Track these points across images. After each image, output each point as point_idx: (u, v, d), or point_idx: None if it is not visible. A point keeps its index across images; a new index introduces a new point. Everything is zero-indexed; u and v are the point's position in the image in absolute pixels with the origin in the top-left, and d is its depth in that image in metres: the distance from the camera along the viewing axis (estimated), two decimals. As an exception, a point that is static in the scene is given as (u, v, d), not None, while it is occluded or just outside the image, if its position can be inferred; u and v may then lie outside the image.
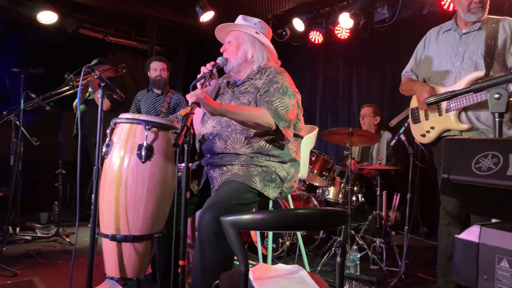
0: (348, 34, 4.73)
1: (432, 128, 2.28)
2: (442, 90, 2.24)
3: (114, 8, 4.80)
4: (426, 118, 2.33)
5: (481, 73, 2.10)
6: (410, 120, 2.49)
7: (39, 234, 3.62)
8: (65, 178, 3.84)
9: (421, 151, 2.46)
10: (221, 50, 2.05)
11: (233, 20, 2.09)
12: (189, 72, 6.16)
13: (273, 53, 2.10)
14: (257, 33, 2.02)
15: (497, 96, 1.20)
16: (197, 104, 1.62)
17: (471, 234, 0.85)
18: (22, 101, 3.25)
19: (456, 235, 0.89)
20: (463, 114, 2.16)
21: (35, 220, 4.13)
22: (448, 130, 2.23)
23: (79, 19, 4.87)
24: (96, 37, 5.36)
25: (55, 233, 3.58)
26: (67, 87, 3.48)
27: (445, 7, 3.76)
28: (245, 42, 2.01)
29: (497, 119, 1.22)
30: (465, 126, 2.13)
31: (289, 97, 1.89)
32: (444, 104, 2.21)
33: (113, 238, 1.70)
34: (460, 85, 2.13)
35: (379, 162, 3.39)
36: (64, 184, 4.18)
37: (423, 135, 2.34)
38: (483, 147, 0.86)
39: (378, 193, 3.24)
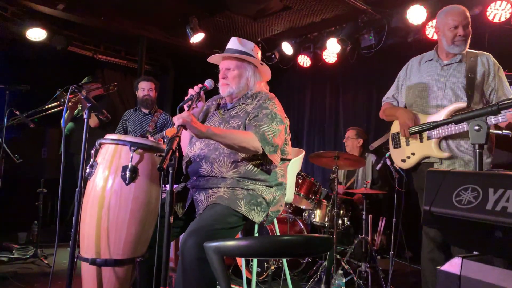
0: (336, 59, 4.83)
1: (413, 154, 2.33)
2: (424, 117, 2.30)
3: (104, 26, 4.81)
4: (407, 144, 2.38)
5: (463, 104, 2.19)
6: (390, 145, 2.53)
7: (16, 255, 3.48)
8: (47, 197, 3.74)
9: (400, 175, 2.51)
10: (220, 77, 2.03)
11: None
12: (178, 91, 6.17)
13: (267, 77, 2.13)
14: (262, 64, 2.04)
15: (477, 128, 1.24)
16: (183, 126, 1.62)
17: (453, 266, 0.86)
18: (6, 118, 3.21)
19: (438, 267, 0.90)
20: (443, 142, 2.22)
21: (13, 240, 3.99)
22: (428, 157, 2.28)
23: (68, 37, 4.86)
24: (85, 55, 5.34)
25: (33, 255, 3.45)
26: (57, 103, 3.45)
27: (429, 36, 3.90)
28: (247, 71, 2.02)
29: (477, 151, 1.25)
30: (445, 154, 2.19)
31: (277, 123, 1.91)
32: (425, 131, 2.25)
33: (93, 262, 1.66)
34: (442, 114, 2.21)
35: (365, 185, 3.41)
36: (45, 203, 4.07)
37: (403, 160, 2.39)
38: (463, 180, 0.87)
39: (363, 217, 3.25)
